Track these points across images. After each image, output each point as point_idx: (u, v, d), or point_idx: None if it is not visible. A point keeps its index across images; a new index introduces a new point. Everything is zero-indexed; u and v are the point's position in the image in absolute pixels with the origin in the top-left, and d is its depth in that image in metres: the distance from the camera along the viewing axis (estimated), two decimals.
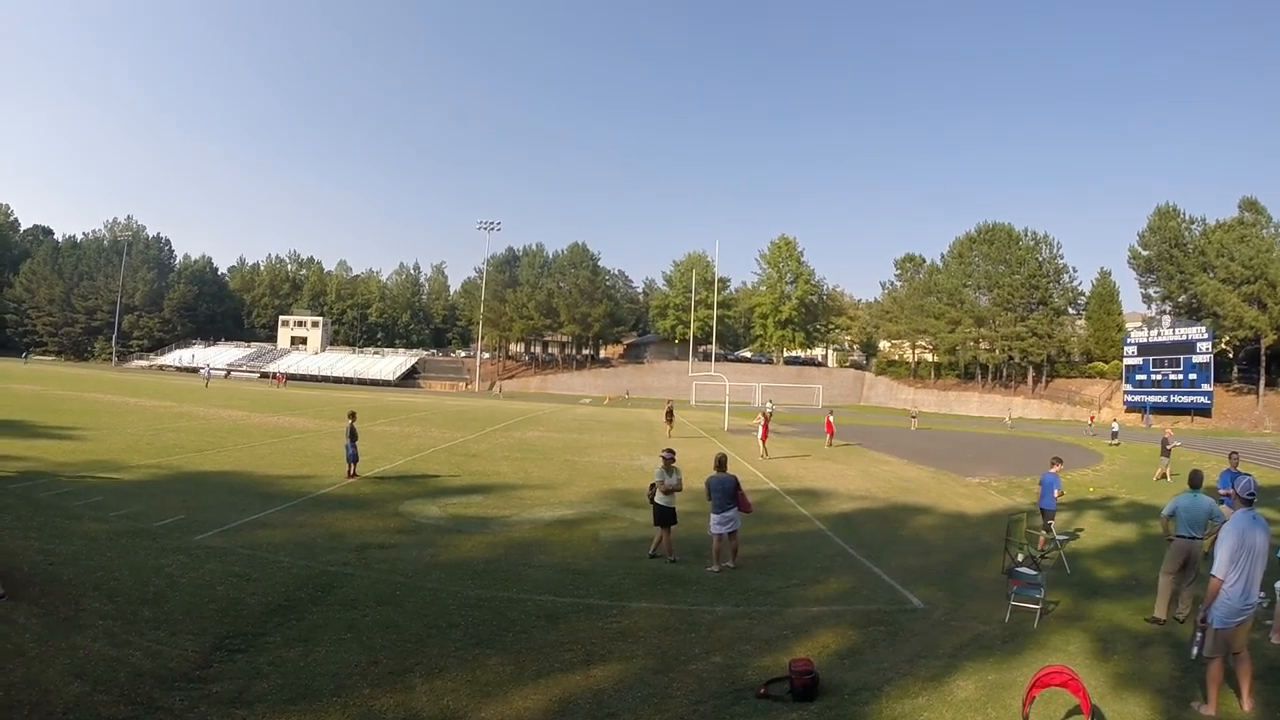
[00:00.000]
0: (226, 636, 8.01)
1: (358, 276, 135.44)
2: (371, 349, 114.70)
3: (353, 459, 19.80)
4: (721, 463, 12.98)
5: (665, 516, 12.86)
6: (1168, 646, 9.09)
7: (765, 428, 31.74)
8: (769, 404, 46.63)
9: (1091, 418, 59.60)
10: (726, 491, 12.40)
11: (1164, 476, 26.14)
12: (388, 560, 11.84)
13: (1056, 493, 14.60)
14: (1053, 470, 15.04)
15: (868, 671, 8.04)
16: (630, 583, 11.29)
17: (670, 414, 40.32)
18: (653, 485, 13.27)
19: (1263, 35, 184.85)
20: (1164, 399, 67.57)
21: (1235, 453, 17.56)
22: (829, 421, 38.55)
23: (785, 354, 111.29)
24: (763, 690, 7.27)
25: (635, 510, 17.05)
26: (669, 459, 13.44)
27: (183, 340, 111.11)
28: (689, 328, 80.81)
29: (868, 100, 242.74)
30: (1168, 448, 28.02)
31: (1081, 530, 17.03)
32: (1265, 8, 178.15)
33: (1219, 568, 6.94)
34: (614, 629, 9.15)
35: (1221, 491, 12.85)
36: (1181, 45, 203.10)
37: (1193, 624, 9.47)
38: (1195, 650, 7.40)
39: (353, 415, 20.54)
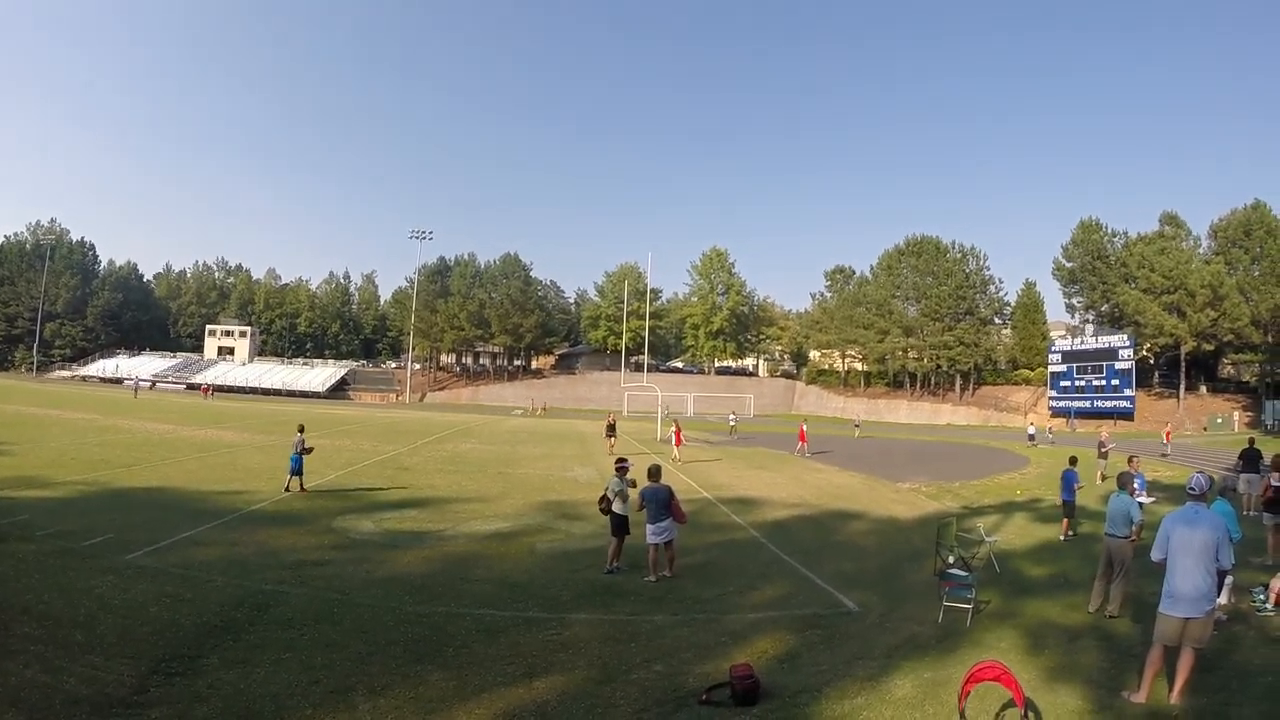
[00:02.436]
0: (163, 660, 7.81)
1: (287, 285, 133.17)
2: (300, 360, 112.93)
3: (297, 472, 19.60)
4: (655, 473, 13.14)
5: (623, 525, 13.02)
6: (1097, 639, 9.51)
7: (679, 435, 34.51)
8: (731, 417, 47.45)
9: (1052, 426, 61.93)
10: (660, 502, 12.50)
11: (1102, 478, 26.99)
12: (324, 577, 11.69)
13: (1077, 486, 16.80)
14: (1072, 468, 17.07)
15: (807, 674, 8.23)
16: (569, 594, 11.35)
17: (612, 428, 37.45)
18: (604, 496, 13.42)
19: (1181, 52, 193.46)
20: (1088, 404, 70.09)
21: (1134, 456, 18.49)
22: (802, 430, 40.01)
23: (717, 364, 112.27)
24: (704, 697, 7.38)
25: (571, 522, 17.16)
26: (624, 468, 13.59)
27: (106, 350, 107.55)
28: (621, 338, 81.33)
29: (798, 115, 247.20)
30: (1104, 450, 28.97)
31: (998, 539, 17.55)
32: (1186, 21, 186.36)
33: (1153, 553, 7.63)
34: (555, 641, 9.18)
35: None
36: (1102, 63, 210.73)
37: (1126, 621, 10.01)
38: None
39: (302, 429, 20.58)
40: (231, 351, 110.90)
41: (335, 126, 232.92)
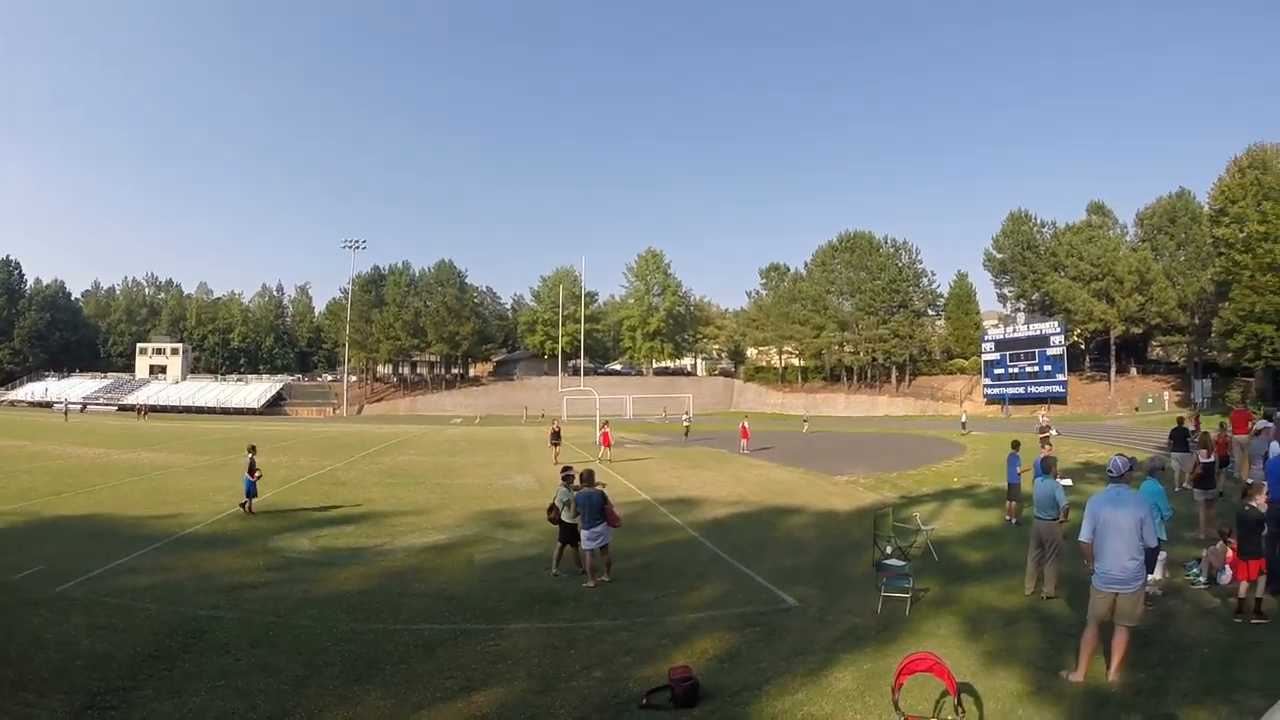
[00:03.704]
0: (97, 694, 7.57)
1: (219, 299, 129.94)
2: (234, 376, 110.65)
3: (251, 494, 19.20)
4: (588, 478, 13.02)
5: (571, 533, 12.91)
6: (1035, 621, 9.71)
7: (606, 436, 35.09)
8: (684, 417, 47.68)
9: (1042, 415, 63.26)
10: (594, 506, 12.38)
11: None
12: (259, 599, 11.39)
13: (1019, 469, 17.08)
14: (1014, 452, 17.52)
15: (747, 672, 8.21)
16: (507, 604, 11.19)
17: (557, 435, 35.17)
18: (552, 505, 13.34)
19: (1105, 49, 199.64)
20: (1022, 390, 72.14)
21: (1046, 441, 19.03)
22: (744, 427, 40.10)
23: (655, 365, 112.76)
24: (644, 701, 7.33)
25: (509, 530, 17.00)
26: (570, 476, 13.40)
27: (35, 372, 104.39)
28: (558, 343, 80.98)
29: (730, 116, 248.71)
30: (1044, 435, 29.50)
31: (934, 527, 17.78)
32: (1112, 18, 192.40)
33: (1080, 534, 7.81)
34: (493, 652, 9.04)
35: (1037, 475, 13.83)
36: (1026, 56, 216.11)
37: (1062, 602, 10.20)
38: None
39: (252, 449, 20.00)
40: (164, 370, 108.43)
41: (261, 135, 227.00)
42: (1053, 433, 31.02)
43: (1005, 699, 7.22)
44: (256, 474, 19.51)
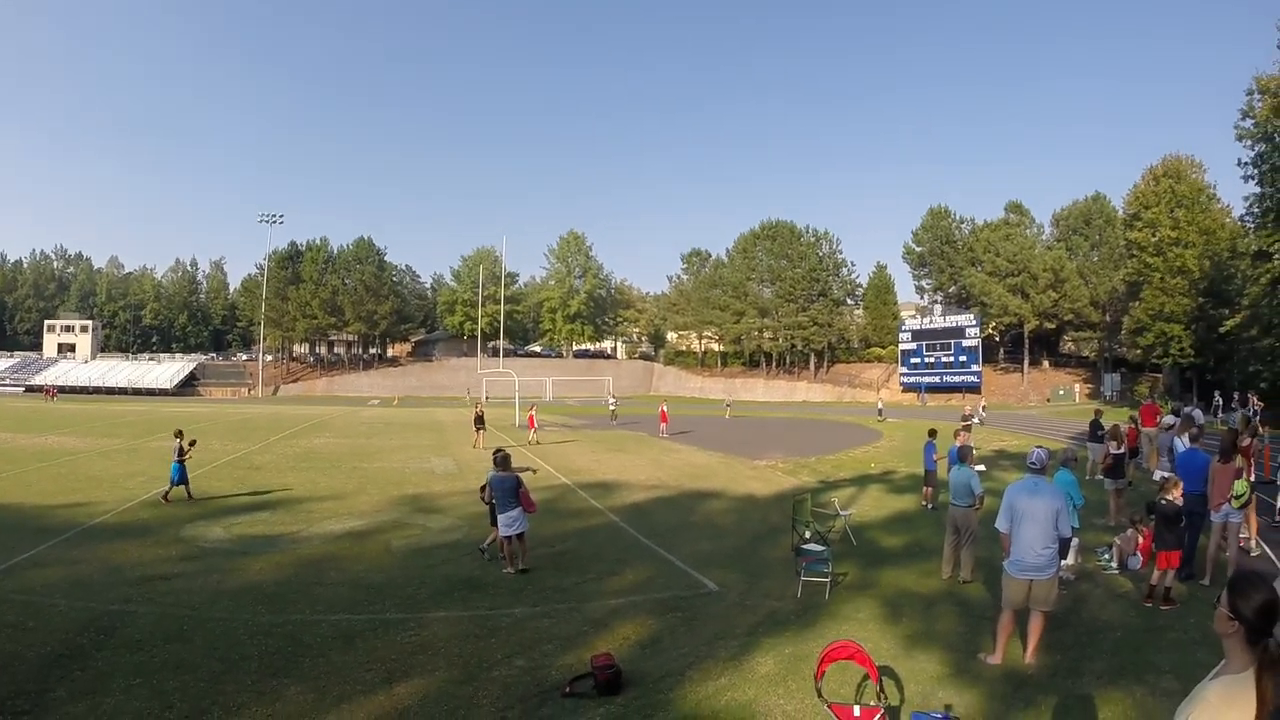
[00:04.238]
0: (7, 698, 7.11)
1: (131, 274, 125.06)
2: (146, 355, 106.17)
3: (182, 480, 18.36)
4: (501, 461, 12.65)
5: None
6: (952, 605, 9.94)
7: (532, 419, 36.95)
8: (611, 401, 47.93)
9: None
10: (508, 490, 12.09)
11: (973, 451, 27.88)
12: (172, 592, 10.85)
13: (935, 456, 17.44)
14: (931, 440, 17.95)
15: (669, 658, 8.17)
16: (426, 592, 10.94)
17: (481, 419, 33.22)
18: (484, 486, 12.98)
19: (1026, 56, 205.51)
20: (937, 379, 74.35)
21: (960, 430, 19.56)
22: (663, 411, 40.48)
23: (575, 347, 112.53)
24: (568, 689, 7.24)
25: (428, 516, 16.70)
26: (501, 459, 13.01)
27: None
28: (478, 323, 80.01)
29: (655, 99, 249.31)
30: (966, 422, 30.15)
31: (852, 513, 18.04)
32: (1032, 25, 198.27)
33: (997, 522, 8.02)
34: (413, 642, 8.81)
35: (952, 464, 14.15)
36: (949, 60, 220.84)
37: (978, 586, 10.44)
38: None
39: (179, 434, 19.05)
40: (73, 348, 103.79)
41: (173, 102, 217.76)
42: (975, 420, 31.74)
43: (926, 681, 7.35)
44: (187, 456, 18.63)
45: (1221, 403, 41.16)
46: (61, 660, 8.14)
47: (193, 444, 19.09)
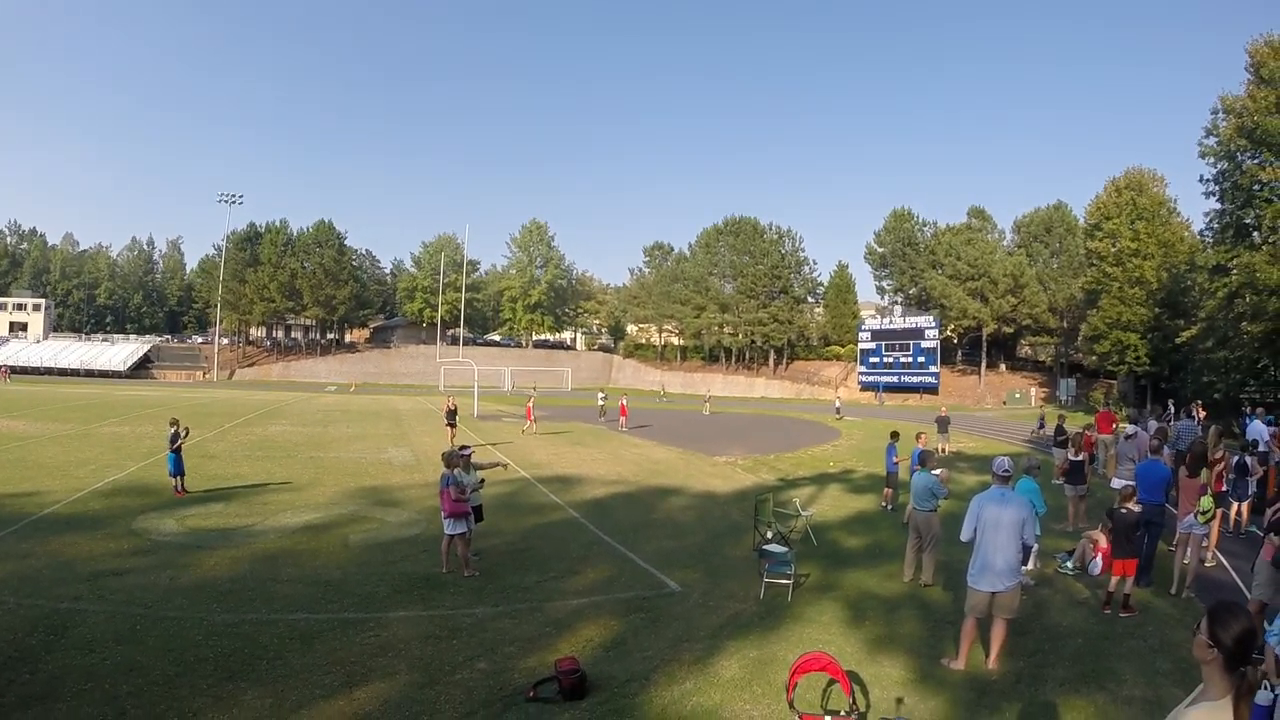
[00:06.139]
0: None
1: (85, 252, 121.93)
2: (100, 335, 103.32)
3: (178, 472, 17.79)
4: (451, 460, 12.50)
5: (476, 513, 12.48)
6: (915, 609, 10.03)
7: (529, 411, 36.77)
8: (600, 396, 47.66)
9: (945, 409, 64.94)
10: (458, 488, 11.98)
11: (942, 452, 28.35)
12: (124, 589, 10.52)
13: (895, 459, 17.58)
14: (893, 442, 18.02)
15: (634, 661, 8.15)
16: (385, 590, 10.76)
17: (453, 414, 31.48)
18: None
19: (990, 63, 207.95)
20: (895, 379, 75.04)
21: (922, 433, 19.78)
22: (623, 405, 40.41)
23: (534, 337, 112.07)
24: (532, 693, 7.18)
25: (386, 509, 16.48)
26: (467, 456, 12.82)
27: None
28: (437, 311, 79.43)
29: (621, 94, 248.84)
30: (946, 426, 30.50)
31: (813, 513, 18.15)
32: (1000, 35, 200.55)
33: (962, 532, 8.09)
34: (374, 643, 8.67)
35: (914, 467, 14.29)
36: (914, 63, 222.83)
37: (940, 589, 10.55)
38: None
39: (175, 422, 18.37)
40: (24, 327, 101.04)
41: (133, 75, 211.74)
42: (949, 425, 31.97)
43: (890, 686, 7.43)
44: (178, 444, 17.91)
45: (1174, 412, 42.07)
46: (12, 663, 7.86)
47: (187, 433, 18.46)
